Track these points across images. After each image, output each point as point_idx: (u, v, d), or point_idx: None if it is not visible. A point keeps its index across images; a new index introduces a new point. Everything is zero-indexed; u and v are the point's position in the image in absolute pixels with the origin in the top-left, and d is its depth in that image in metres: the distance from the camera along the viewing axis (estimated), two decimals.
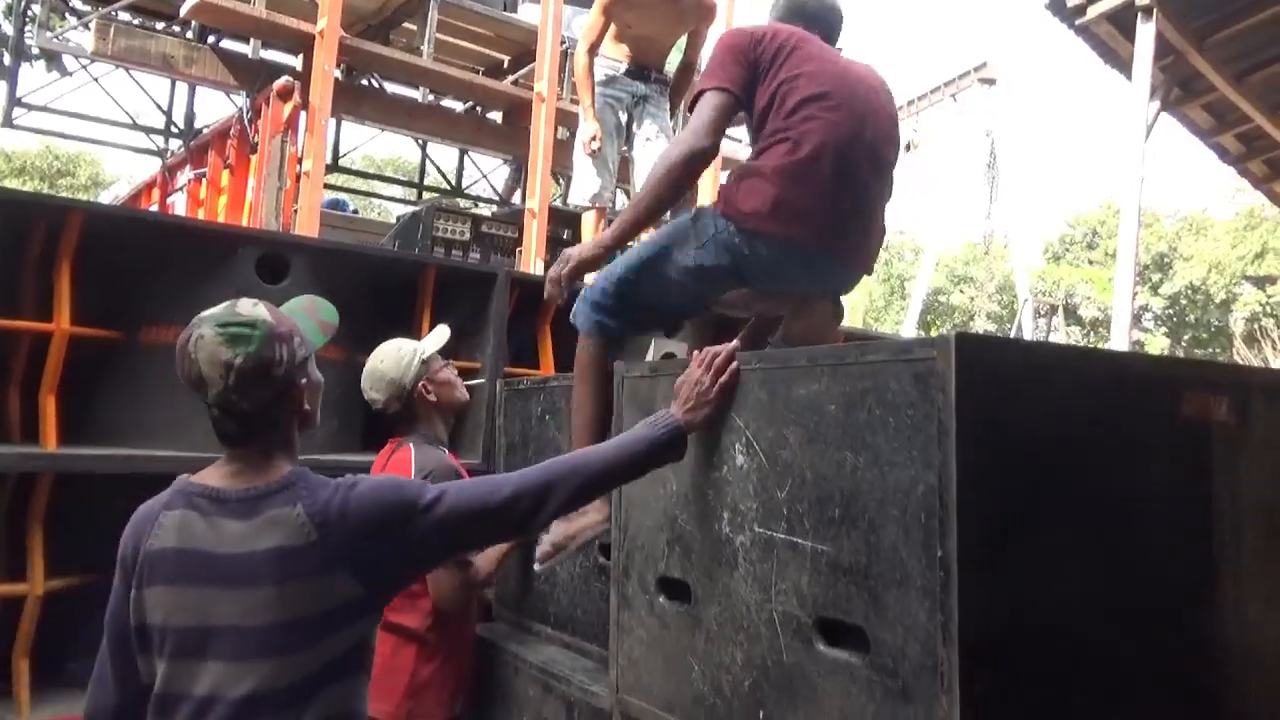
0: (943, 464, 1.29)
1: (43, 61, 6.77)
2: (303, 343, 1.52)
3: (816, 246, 2.04)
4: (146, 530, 1.45)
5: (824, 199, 2.01)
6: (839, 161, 2.01)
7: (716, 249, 2.06)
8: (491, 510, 1.49)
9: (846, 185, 2.04)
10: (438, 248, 5.04)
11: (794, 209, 1.99)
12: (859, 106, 2.08)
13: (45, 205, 2.71)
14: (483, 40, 6.43)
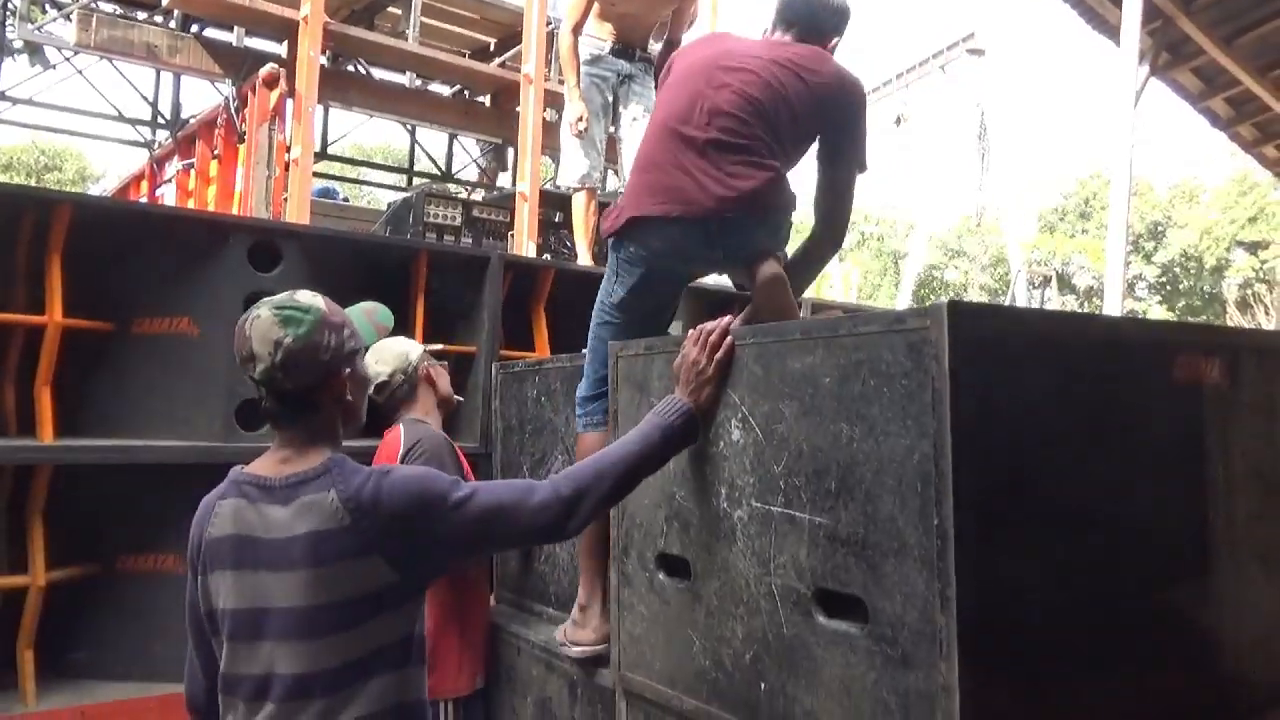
0: (937, 432, 1.30)
1: (25, 55, 6.72)
2: (353, 335, 1.57)
3: (655, 212, 2.16)
4: (205, 520, 1.51)
5: (643, 174, 2.22)
6: (653, 141, 2.23)
7: (622, 271, 2.24)
8: (523, 514, 1.50)
9: (661, 154, 2.20)
10: (429, 233, 5.02)
11: (628, 199, 2.23)
12: (693, 85, 2.22)
13: (33, 197, 2.70)
14: (468, 23, 6.39)
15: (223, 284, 2.66)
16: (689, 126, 2.16)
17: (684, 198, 2.16)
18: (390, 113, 6.19)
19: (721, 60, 2.22)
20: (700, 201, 2.15)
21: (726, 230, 2.17)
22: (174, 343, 2.63)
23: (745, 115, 2.14)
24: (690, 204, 2.15)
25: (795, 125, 2.20)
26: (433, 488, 1.48)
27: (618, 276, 2.27)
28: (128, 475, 2.55)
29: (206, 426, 2.61)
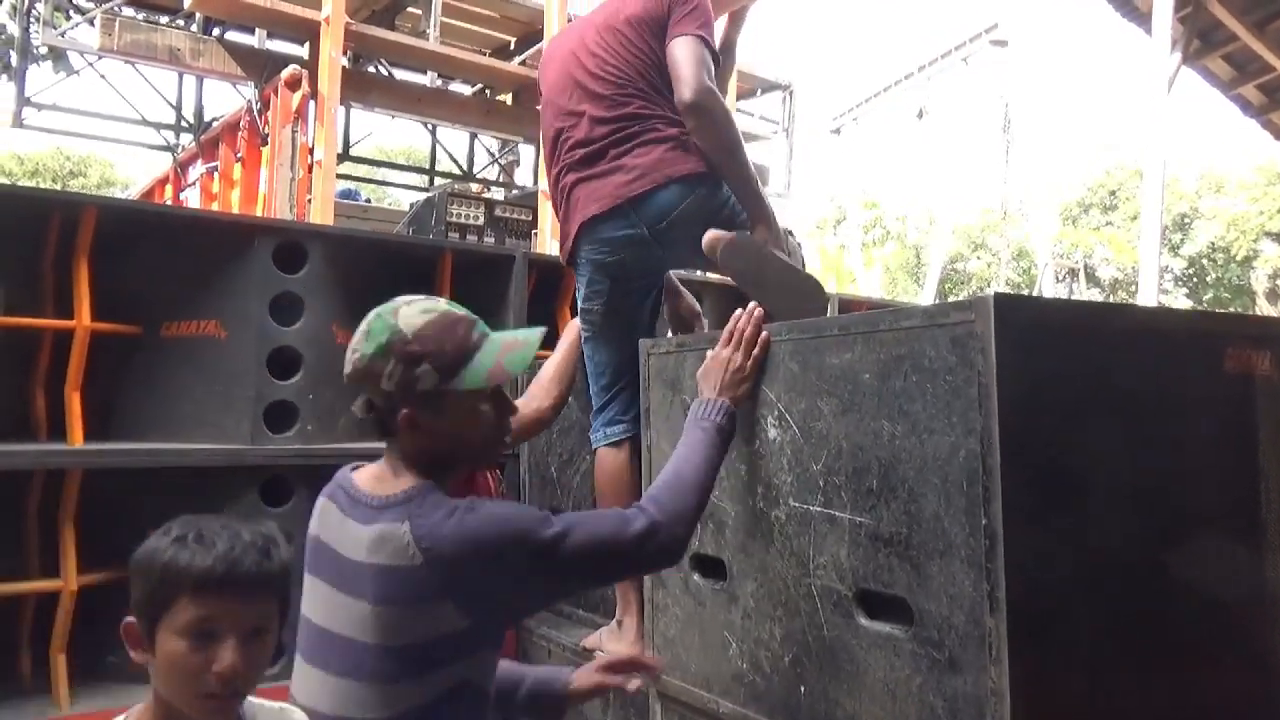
0: (984, 429, 1.26)
1: (50, 61, 6.77)
2: (437, 372, 1.39)
3: (578, 216, 2.22)
4: (313, 515, 1.47)
5: (551, 180, 2.34)
6: (549, 144, 2.34)
7: (587, 276, 2.26)
8: (626, 545, 1.39)
9: (552, 155, 2.32)
10: (452, 233, 5.01)
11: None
12: (554, 81, 2.32)
13: (59, 201, 2.70)
14: (488, 21, 6.38)
15: (249, 286, 2.66)
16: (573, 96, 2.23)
17: (594, 191, 2.19)
18: (412, 113, 6.20)
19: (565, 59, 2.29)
20: (615, 193, 2.16)
21: (646, 207, 2.16)
22: (202, 345, 2.63)
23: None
24: (608, 196, 2.17)
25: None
26: (519, 525, 1.34)
27: (585, 283, 2.31)
28: (157, 478, 2.55)
29: (234, 429, 2.61)
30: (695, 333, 2.47)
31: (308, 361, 2.70)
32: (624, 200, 2.16)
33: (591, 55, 2.23)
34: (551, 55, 2.40)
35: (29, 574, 2.43)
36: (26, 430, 2.51)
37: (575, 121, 2.24)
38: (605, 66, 2.21)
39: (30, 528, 2.47)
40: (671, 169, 2.14)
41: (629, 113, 2.18)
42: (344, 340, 2.86)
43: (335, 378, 2.78)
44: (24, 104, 6.04)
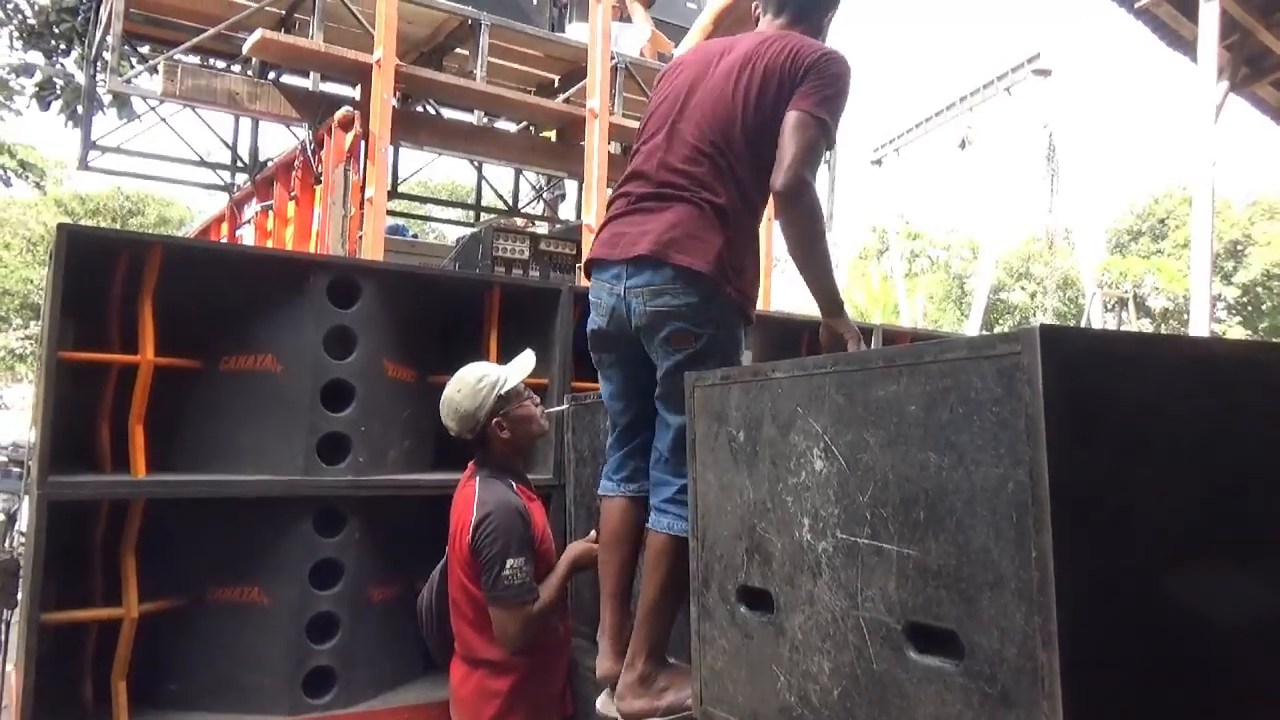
0: (1033, 461, 1.26)
1: (114, 109, 7.04)
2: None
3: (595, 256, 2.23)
4: None
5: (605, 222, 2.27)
6: (635, 143, 2.29)
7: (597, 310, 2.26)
8: None
9: (628, 160, 2.27)
10: (498, 267, 5.10)
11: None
12: (668, 91, 2.25)
13: (127, 241, 2.81)
14: (532, 60, 6.51)
15: (304, 321, 2.73)
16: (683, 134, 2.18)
17: (625, 239, 2.16)
18: (459, 150, 6.33)
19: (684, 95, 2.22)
20: (638, 243, 2.12)
21: (634, 269, 2.11)
22: (259, 379, 2.71)
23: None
24: (630, 246, 2.13)
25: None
26: None
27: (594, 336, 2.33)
28: (214, 508, 2.62)
29: (289, 460, 2.67)
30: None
31: (360, 394, 2.76)
32: (626, 257, 2.14)
33: (706, 91, 2.17)
34: (682, 62, 2.32)
35: (93, 602, 2.51)
36: (92, 461, 2.59)
37: (653, 148, 2.20)
38: (707, 109, 2.15)
39: (94, 556, 2.55)
40: (679, 253, 2.07)
41: (693, 171, 2.13)
42: (394, 373, 2.95)
43: (386, 410, 2.87)
44: (89, 147, 6.29)
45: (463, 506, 2.44)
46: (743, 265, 2.12)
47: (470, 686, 2.46)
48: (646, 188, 2.20)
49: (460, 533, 2.41)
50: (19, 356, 22.40)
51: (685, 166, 2.14)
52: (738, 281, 2.11)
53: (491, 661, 2.43)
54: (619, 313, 2.19)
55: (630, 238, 2.16)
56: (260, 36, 4.67)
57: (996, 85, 15.94)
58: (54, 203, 22.59)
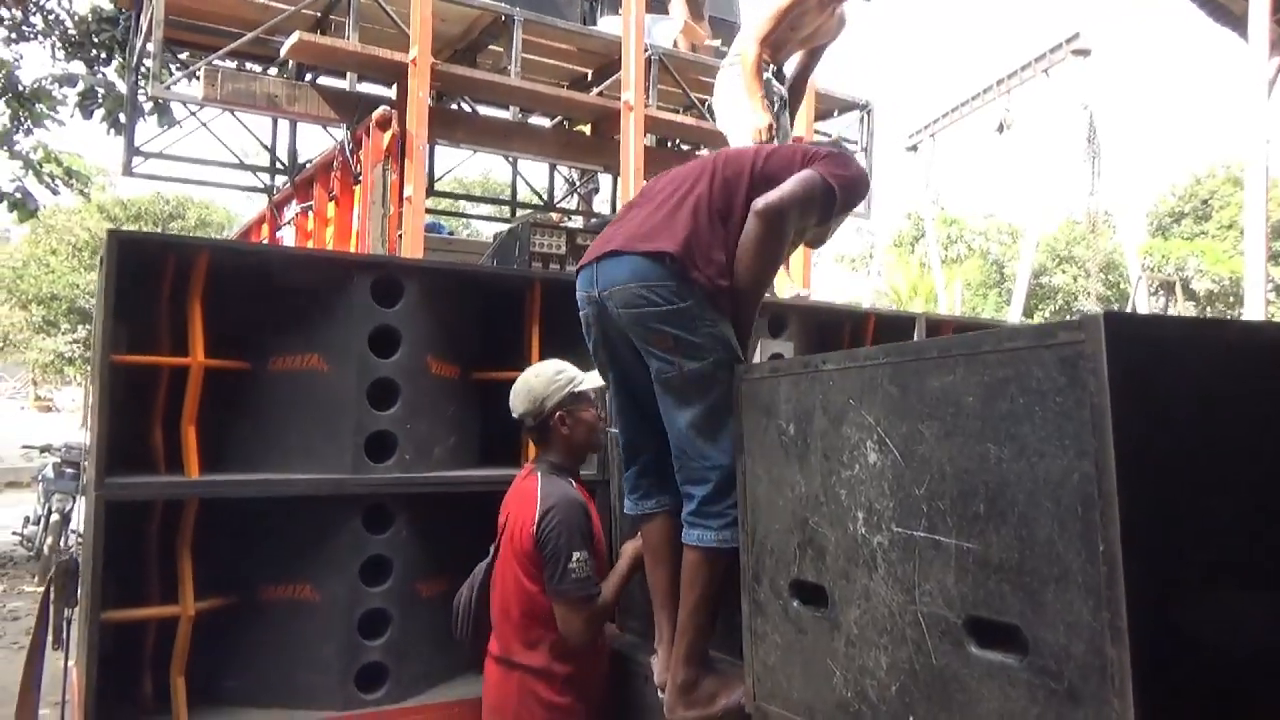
0: (1099, 452, 1.23)
1: (154, 115, 7.16)
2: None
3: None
4: None
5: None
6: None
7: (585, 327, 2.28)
8: None
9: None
10: (535, 262, 5.11)
11: None
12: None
13: (175, 245, 2.85)
14: (565, 55, 6.50)
15: (349, 320, 2.75)
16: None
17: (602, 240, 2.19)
18: (495, 147, 6.34)
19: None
20: (612, 242, 2.14)
21: (603, 270, 2.12)
22: (306, 379, 2.73)
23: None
24: (606, 244, 2.15)
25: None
26: None
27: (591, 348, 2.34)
28: (265, 507, 2.65)
29: (337, 459, 2.70)
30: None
31: (405, 392, 2.78)
32: (595, 257, 2.16)
33: (749, 156, 2.23)
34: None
35: (150, 600, 2.55)
36: (146, 462, 2.63)
37: (668, 180, 2.26)
38: (737, 163, 2.19)
39: (150, 555, 2.59)
40: (643, 241, 2.07)
41: (679, 181, 2.18)
42: (438, 371, 2.95)
43: (431, 407, 2.89)
44: (133, 154, 6.40)
45: (523, 501, 2.43)
46: (713, 259, 2.07)
47: (508, 690, 2.44)
48: (636, 201, 2.28)
49: (522, 526, 2.39)
50: (68, 360, 22.91)
51: (679, 178, 2.20)
52: (706, 269, 2.05)
53: (531, 668, 2.42)
54: (599, 322, 2.20)
55: (605, 237, 2.19)
56: (298, 39, 4.71)
57: (1035, 67, 15.65)
58: (97, 209, 23.04)
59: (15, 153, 8.41)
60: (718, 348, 2.07)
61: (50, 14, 8.84)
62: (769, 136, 3.84)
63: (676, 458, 2.15)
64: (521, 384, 2.55)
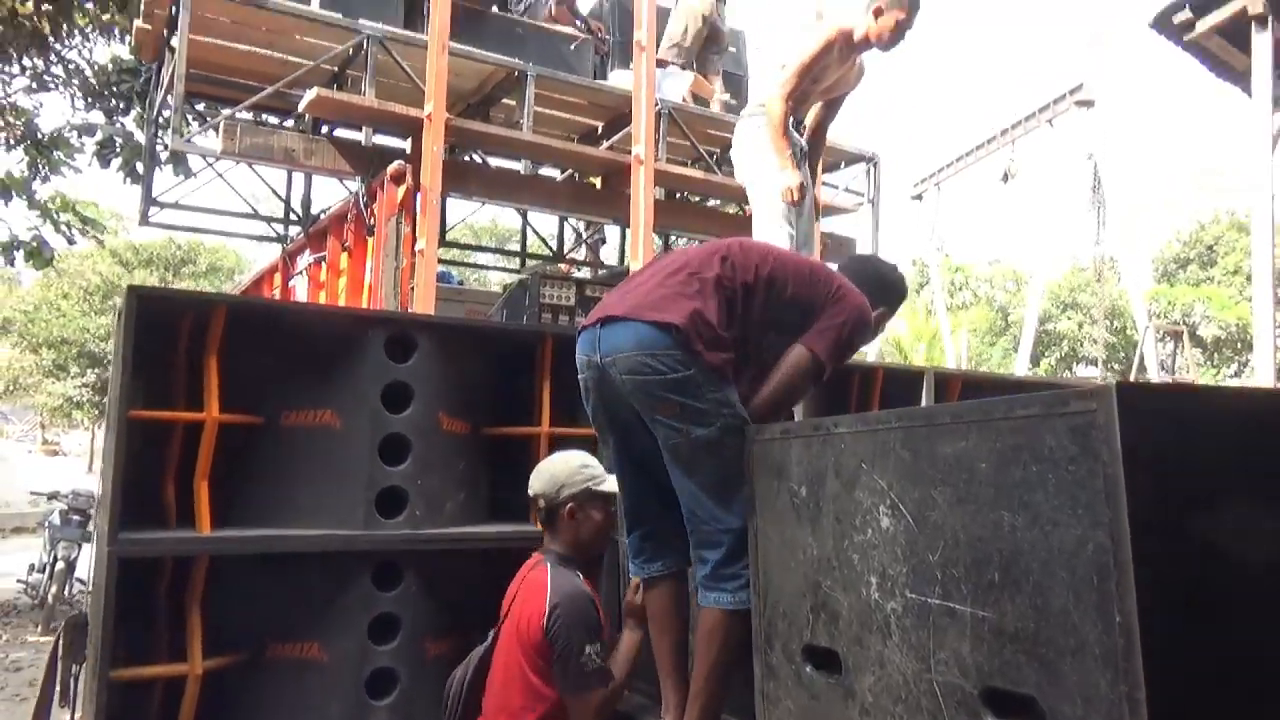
0: (1113, 521, 1.23)
1: (170, 165, 7.27)
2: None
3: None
4: None
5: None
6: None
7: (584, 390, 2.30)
8: None
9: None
10: (545, 314, 5.15)
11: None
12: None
13: (193, 301, 2.89)
14: (576, 109, 6.61)
15: (362, 376, 2.78)
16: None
17: (606, 306, 2.22)
18: (507, 200, 6.42)
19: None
20: (615, 308, 2.17)
21: (606, 335, 2.13)
22: (318, 434, 2.75)
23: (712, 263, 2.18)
24: (608, 310, 2.18)
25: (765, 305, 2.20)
26: None
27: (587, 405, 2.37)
28: (276, 563, 2.65)
29: (348, 514, 2.70)
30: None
31: (416, 448, 2.79)
32: (597, 321, 2.18)
33: (759, 252, 2.28)
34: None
35: (158, 656, 2.54)
36: (158, 517, 2.63)
37: (677, 256, 2.31)
38: (747, 255, 2.23)
39: (159, 611, 2.58)
40: (652, 311, 2.08)
41: (693, 263, 2.20)
42: (449, 426, 2.97)
43: (441, 463, 2.89)
44: (150, 203, 6.50)
45: (533, 593, 2.41)
46: (719, 339, 2.10)
47: None
48: (643, 270, 2.33)
49: (530, 619, 2.37)
50: (76, 404, 22.95)
51: (692, 257, 2.23)
52: (711, 347, 2.07)
53: None
54: (599, 387, 2.21)
55: (608, 303, 2.23)
56: (316, 95, 4.80)
57: (1039, 117, 15.84)
58: (109, 253, 23.25)
59: (34, 201, 8.53)
60: (724, 413, 2.08)
61: (71, 64, 9.02)
62: (799, 196, 3.85)
63: (688, 521, 2.15)
64: (545, 465, 2.58)
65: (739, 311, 2.16)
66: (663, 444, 2.13)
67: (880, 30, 3.76)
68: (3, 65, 8.65)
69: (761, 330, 2.21)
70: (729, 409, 2.09)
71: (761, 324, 2.20)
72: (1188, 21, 5.35)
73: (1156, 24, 5.50)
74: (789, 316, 2.22)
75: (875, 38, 3.79)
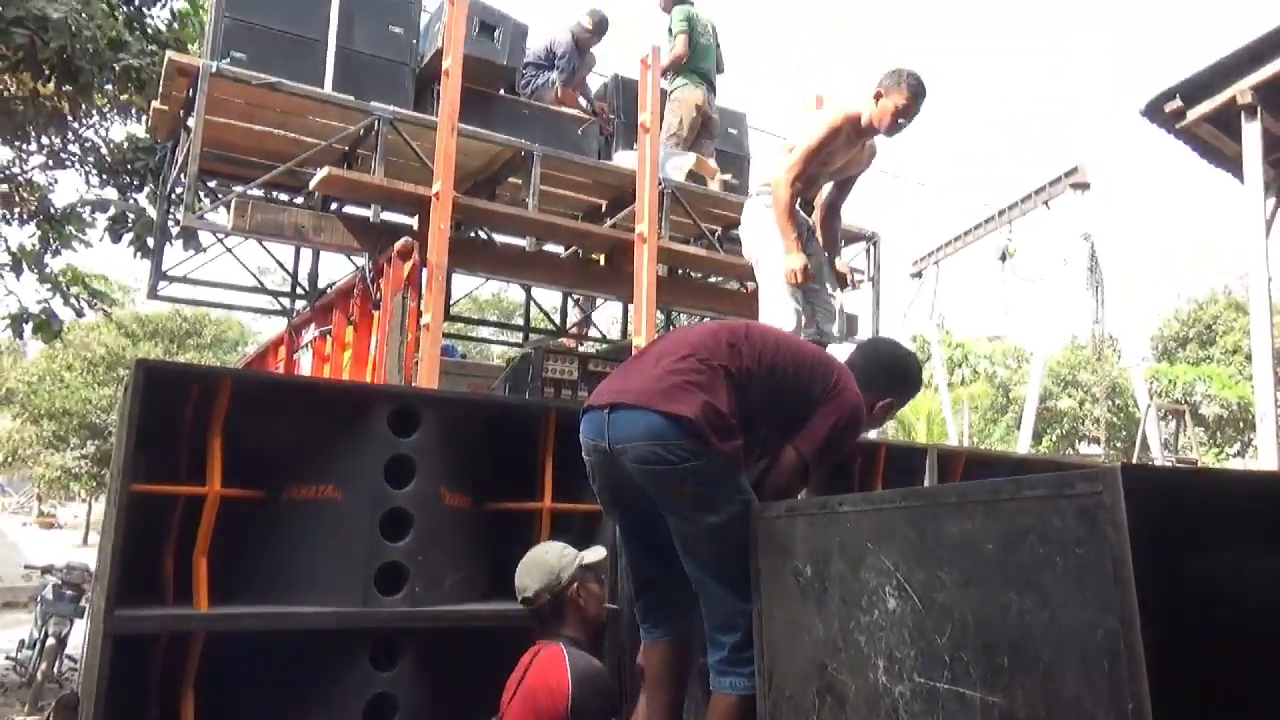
0: (1123, 605, 1.22)
1: (180, 240, 7.37)
2: None
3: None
4: None
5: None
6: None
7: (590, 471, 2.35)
8: None
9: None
10: (548, 388, 5.16)
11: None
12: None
13: (199, 375, 2.90)
14: (581, 187, 6.74)
15: (365, 450, 2.77)
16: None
17: (610, 391, 2.26)
18: (511, 276, 6.50)
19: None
20: (619, 393, 2.21)
21: (616, 421, 2.16)
22: (320, 508, 2.73)
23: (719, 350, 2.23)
24: (611, 394, 2.23)
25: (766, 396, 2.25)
26: None
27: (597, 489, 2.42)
28: (274, 641, 2.61)
29: (348, 590, 2.66)
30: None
31: (418, 523, 2.77)
32: (606, 405, 2.21)
33: (761, 336, 2.36)
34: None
35: None
36: (155, 591, 2.60)
37: (681, 339, 2.36)
38: (749, 342, 2.29)
39: (153, 690, 2.53)
40: (665, 401, 2.11)
41: (711, 354, 2.23)
42: (451, 501, 2.95)
43: (442, 538, 2.87)
44: (159, 277, 6.58)
45: (551, 671, 2.39)
46: (732, 429, 2.13)
47: None
48: (646, 353, 2.38)
49: (552, 695, 2.34)
50: (74, 476, 22.80)
51: (695, 342, 2.28)
52: (723, 436, 2.10)
53: None
54: (607, 470, 2.25)
55: (616, 387, 2.25)
56: (327, 173, 4.91)
57: (1035, 199, 16.09)
58: (115, 325, 23.37)
59: (45, 274, 8.63)
60: (736, 499, 2.11)
61: (87, 142, 9.22)
62: (804, 279, 3.90)
63: (704, 604, 2.19)
64: (534, 564, 2.58)
65: (746, 395, 2.20)
66: (674, 531, 2.17)
67: (880, 115, 3.84)
68: (21, 144, 8.84)
69: (763, 415, 2.25)
70: (741, 495, 2.12)
71: (763, 410, 2.24)
72: (1178, 110, 5.49)
73: (1148, 112, 5.63)
74: (789, 405, 2.27)
75: (877, 122, 3.87)
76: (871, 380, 2.51)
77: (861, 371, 2.49)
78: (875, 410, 2.58)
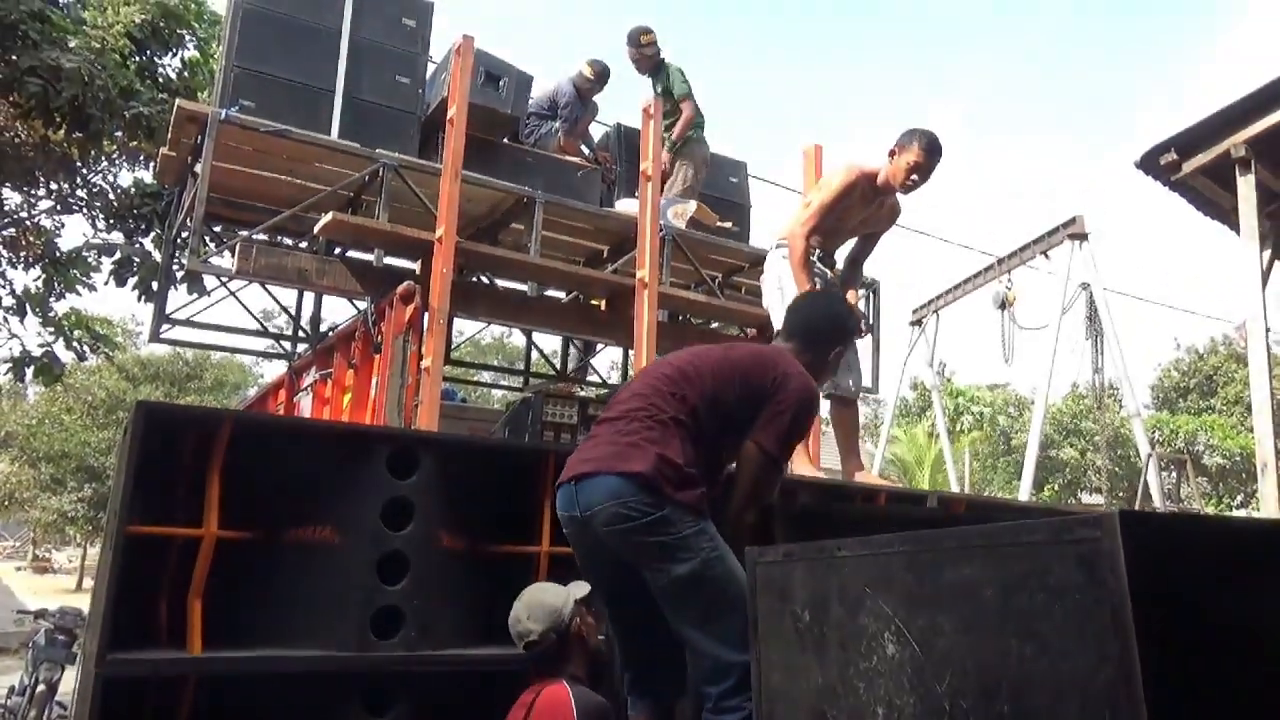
0: (1122, 653, 1.21)
1: (184, 284, 7.41)
2: None
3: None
4: None
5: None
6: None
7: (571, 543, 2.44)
8: None
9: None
10: (548, 432, 5.15)
11: None
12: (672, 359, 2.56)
13: (199, 417, 2.91)
14: (582, 234, 6.80)
15: (364, 492, 2.76)
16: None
17: (578, 462, 2.36)
18: (513, 320, 6.54)
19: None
20: (587, 463, 2.31)
21: (582, 491, 2.27)
22: (317, 550, 2.71)
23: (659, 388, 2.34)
24: (582, 465, 2.32)
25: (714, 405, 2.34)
26: None
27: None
28: (267, 685, 2.57)
29: (343, 634, 2.64)
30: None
31: (415, 566, 2.75)
32: (572, 478, 2.31)
33: (697, 370, 2.42)
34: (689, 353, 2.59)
35: None
36: (148, 634, 2.57)
37: (630, 395, 2.43)
38: (689, 381, 2.37)
39: None
40: (618, 461, 2.23)
41: (649, 397, 2.34)
42: (449, 543, 2.93)
43: (439, 582, 2.85)
44: (162, 321, 6.61)
45: (556, 710, 2.38)
46: (688, 478, 2.22)
47: None
48: (605, 418, 2.44)
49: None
50: (70, 519, 22.64)
51: (643, 395, 2.37)
52: (679, 486, 2.19)
53: None
54: (583, 540, 2.34)
55: (579, 458, 2.35)
56: (331, 218, 4.96)
57: (1033, 249, 16.21)
58: (116, 368, 23.38)
59: (49, 318, 8.67)
60: (703, 546, 2.17)
61: (95, 187, 9.32)
62: None
63: (690, 659, 2.20)
64: (534, 606, 2.59)
65: (698, 434, 2.29)
66: (652, 587, 2.22)
67: (895, 172, 3.93)
68: (30, 189, 8.94)
69: (720, 436, 2.33)
70: (708, 541, 2.18)
71: (718, 431, 2.33)
72: (1173, 163, 5.54)
73: (1143, 165, 5.69)
74: (741, 414, 2.34)
75: (892, 179, 3.96)
76: (818, 336, 2.63)
77: (804, 333, 2.61)
78: (830, 358, 2.68)
